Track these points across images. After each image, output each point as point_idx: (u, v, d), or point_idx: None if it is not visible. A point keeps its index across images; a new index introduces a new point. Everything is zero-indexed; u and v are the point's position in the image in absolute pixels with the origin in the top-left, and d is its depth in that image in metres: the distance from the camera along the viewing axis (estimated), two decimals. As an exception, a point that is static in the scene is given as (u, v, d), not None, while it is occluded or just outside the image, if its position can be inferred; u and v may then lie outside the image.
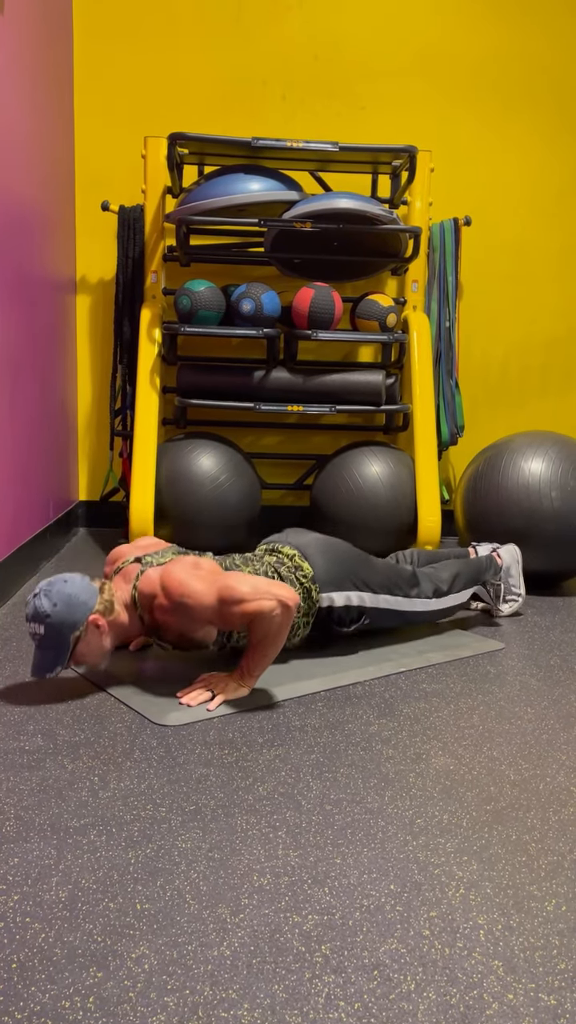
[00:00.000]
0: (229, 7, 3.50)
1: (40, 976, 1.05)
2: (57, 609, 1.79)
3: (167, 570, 1.90)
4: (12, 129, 2.60)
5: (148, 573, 1.94)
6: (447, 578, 2.37)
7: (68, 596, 1.81)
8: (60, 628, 1.80)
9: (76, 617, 1.81)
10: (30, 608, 1.81)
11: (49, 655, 1.82)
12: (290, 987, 1.05)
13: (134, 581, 1.95)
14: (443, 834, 1.40)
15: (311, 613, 2.14)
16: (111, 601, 1.89)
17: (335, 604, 2.15)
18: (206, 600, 1.84)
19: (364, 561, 2.24)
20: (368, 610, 2.21)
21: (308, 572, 2.12)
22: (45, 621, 1.79)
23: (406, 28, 3.55)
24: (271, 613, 1.82)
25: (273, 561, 2.13)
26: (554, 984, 1.07)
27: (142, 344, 3.23)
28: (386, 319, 3.25)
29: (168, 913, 1.18)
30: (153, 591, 1.90)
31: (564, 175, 3.69)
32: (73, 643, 1.83)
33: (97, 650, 1.88)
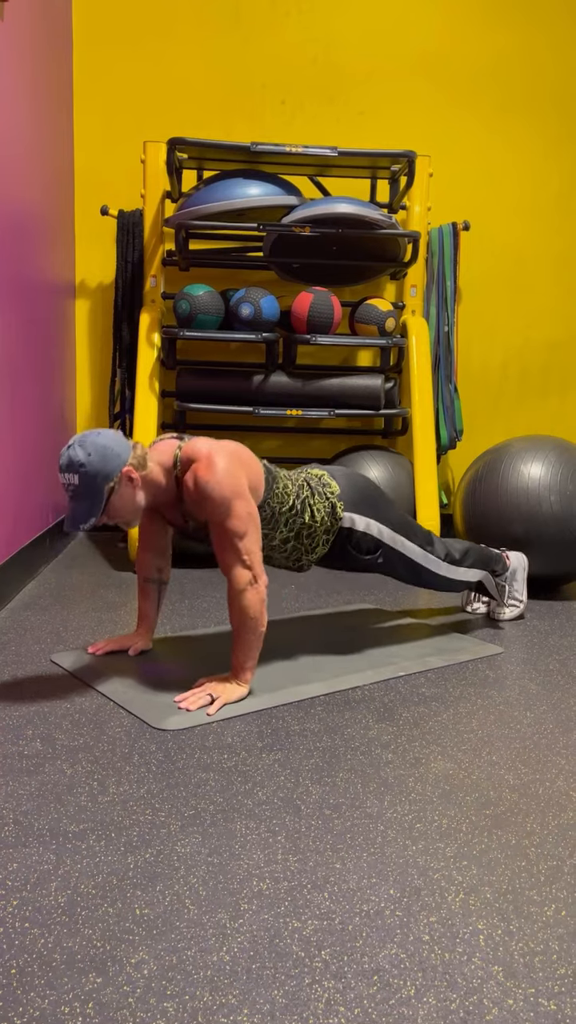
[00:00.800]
0: (228, 12, 3.51)
1: (39, 982, 1.05)
2: (92, 459, 1.78)
3: (217, 449, 1.88)
4: (12, 134, 2.60)
5: (196, 441, 1.93)
6: (460, 549, 2.40)
7: (103, 447, 1.80)
8: (95, 478, 1.79)
9: (110, 467, 1.80)
10: (64, 459, 1.80)
11: (83, 506, 1.81)
12: (290, 992, 1.05)
13: (178, 445, 1.93)
14: (442, 839, 1.40)
15: (332, 531, 2.14)
16: (144, 457, 1.88)
17: (356, 527, 2.16)
18: (221, 508, 1.84)
19: (386, 499, 2.27)
20: (384, 546, 2.22)
21: (335, 489, 2.14)
22: (79, 471, 1.78)
23: (405, 33, 3.56)
24: (240, 582, 1.85)
25: (304, 476, 2.16)
26: (554, 989, 1.07)
27: (141, 348, 3.23)
28: (385, 323, 3.25)
29: (167, 918, 1.18)
30: (197, 456, 1.88)
31: (563, 180, 3.70)
32: (107, 494, 1.82)
33: (130, 504, 1.87)
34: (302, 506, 2.07)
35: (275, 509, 2.02)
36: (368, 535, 2.19)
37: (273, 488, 2.02)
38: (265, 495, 1.99)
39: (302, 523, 2.08)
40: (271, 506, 2.01)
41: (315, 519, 2.09)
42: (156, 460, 1.92)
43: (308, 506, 2.09)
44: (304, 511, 2.08)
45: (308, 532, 2.10)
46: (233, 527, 1.85)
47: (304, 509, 2.08)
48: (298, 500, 2.07)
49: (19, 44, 2.66)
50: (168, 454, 1.94)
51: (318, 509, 2.10)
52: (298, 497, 2.07)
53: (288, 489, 2.06)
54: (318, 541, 2.14)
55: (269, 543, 2.07)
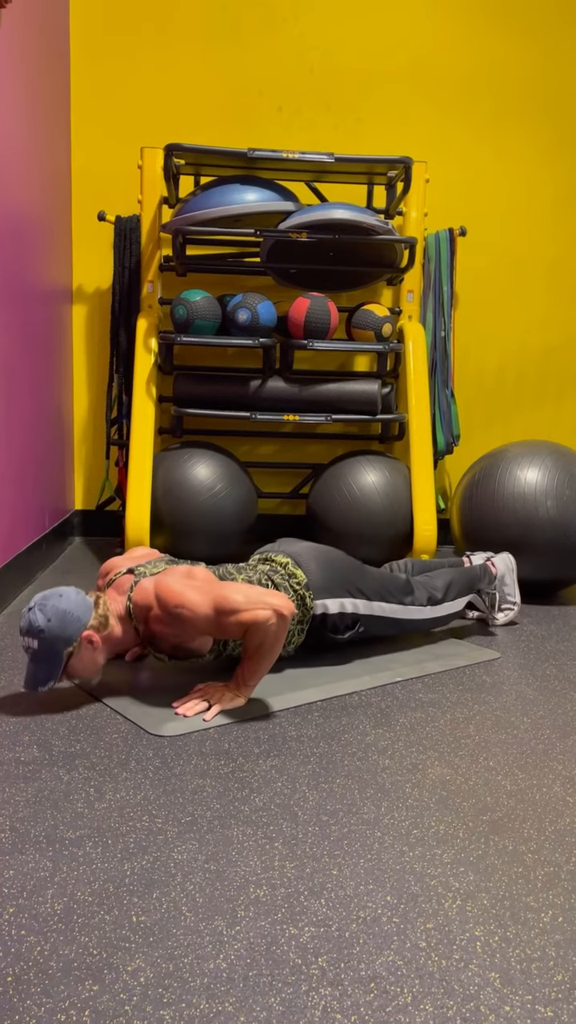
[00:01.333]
0: (225, 19, 3.52)
1: (35, 989, 1.05)
2: (51, 624, 1.79)
3: (161, 580, 1.90)
4: (9, 140, 2.61)
5: (142, 584, 1.94)
6: (441, 586, 2.37)
7: (63, 612, 1.80)
8: (54, 643, 1.80)
9: (70, 632, 1.81)
10: (24, 622, 1.81)
11: (42, 669, 1.82)
12: (287, 1000, 1.04)
13: (128, 592, 1.95)
14: (440, 845, 1.40)
15: (305, 620, 2.14)
16: (106, 616, 1.89)
17: (329, 611, 2.15)
18: (201, 610, 1.84)
19: (358, 568, 2.24)
20: (362, 617, 2.21)
21: (302, 579, 2.12)
22: (39, 636, 1.79)
23: (402, 40, 3.57)
24: (266, 623, 1.82)
25: (267, 569, 2.13)
26: (551, 996, 1.07)
27: (138, 354, 3.23)
28: (382, 329, 3.26)
29: (164, 925, 1.18)
30: (148, 602, 1.90)
31: (558, 186, 3.71)
32: (66, 658, 1.83)
33: (90, 665, 1.88)
34: None
35: None
36: (344, 614, 2.18)
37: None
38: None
39: None
40: None
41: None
42: (114, 612, 1.93)
43: None
44: None
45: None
46: (221, 616, 1.83)
47: None
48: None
49: (17, 49, 2.67)
50: (122, 601, 1.94)
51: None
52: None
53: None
54: (293, 631, 2.13)
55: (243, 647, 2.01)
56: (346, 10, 3.54)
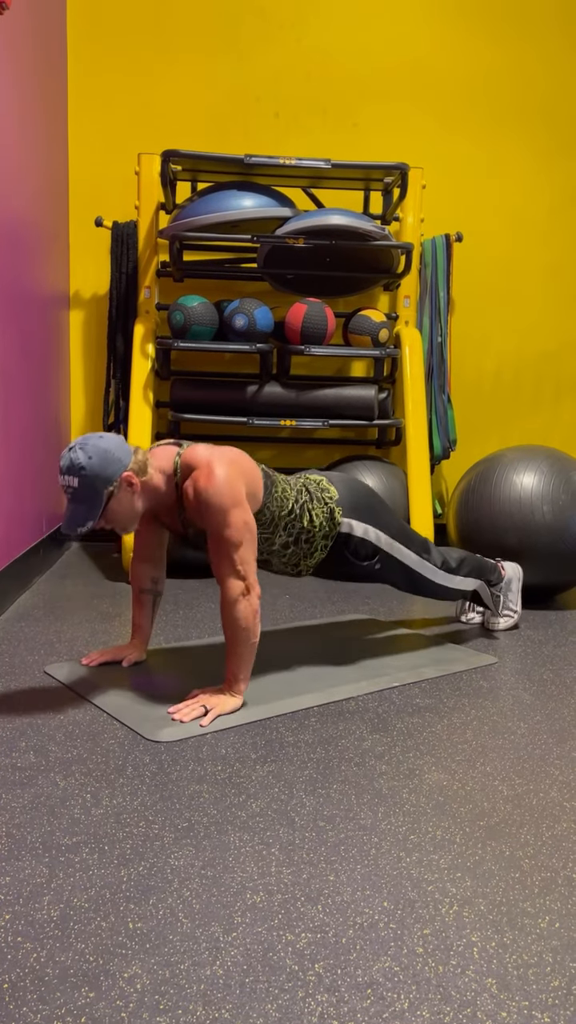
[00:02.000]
0: (223, 26, 3.53)
1: (32, 996, 1.04)
2: (92, 462, 1.79)
3: (218, 457, 1.88)
4: (7, 146, 2.61)
5: (197, 448, 1.92)
6: (456, 558, 2.41)
7: (104, 451, 1.80)
8: (94, 481, 1.79)
9: (110, 472, 1.81)
10: (65, 460, 1.81)
11: (81, 509, 1.81)
12: (283, 1006, 1.04)
13: (178, 452, 1.93)
14: (437, 850, 1.40)
15: (331, 537, 2.15)
16: (144, 462, 1.89)
17: (354, 532, 2.17)
18: (217, 517, 1.84)
19: (384, 505, 2.27)
20: (382, 552, 2.22)
21: (333, 494, 2.15)
22: (80, 474, 1.79)
23: (398, 47, 3.59)
24: (236, 592, 1.85)
25: (303, 481, 2.16)
26: (548, 1001, 1.07)
27: (135, 359, 3.24)
28: (378, 334, 3.26)
29: (161, 932, 1.17)
30: (197, 464, 1.88)
31: (554, 192, 3.73)
32: (106, 498, 1.82)
33: (128, 510, 1.88)
34: (301, 511, 2.08)
35: (274, 514, 2.03)
36: (366, 541, 2.19)
37: (272, 493, 2.02)
38: (264, 500, 2.00)
39: (301, 528, 2.09)
40: (270, 511, 2.01)
41: (314, 524, 2.10)
42: (156, 466, 1.93)
43: (307, 511, 2.09)
44: (303, 516, 2.08)
45: (307, 537, 2.11)
46: (229, 537, 1.85)
47: (303, 514, 2.08)
48: (297, 505, 2.08)
49: (14, 56, 2.67)
50: (168, 460, 1.94)
51: (317, 514, 2.10)
52: (297, 502, 2.08)
53: (287, 494, 2.06)
54: (317, 546, 2.15)
55: (268, 547, 2.08)
56: (343, 17, 3.56)
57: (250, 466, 1.98)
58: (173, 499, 1.96)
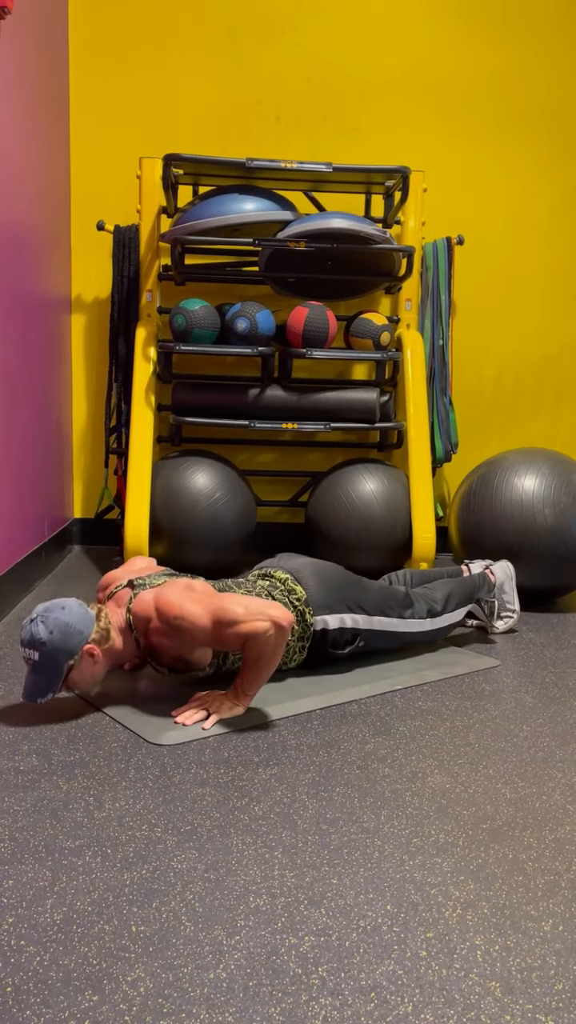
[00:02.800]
0: (223, 29, 3.54)
1: (35, 1000, 1.05)
2: (53, 637, 1.79)
3: (161, 592, 1.90)
4: (8, 150, 2.62)
5: (142, 596, 1.94)
6: (440, 598, 2.37)
7: (65, 624, 1.80)
8: (55, 656, 1.80)
9: (71, 645, 1.81)
10: (26, 633, 1.81)
11: (42, 680, 1.82)
12: (287, 1010, 1.04)
13: (127, 604, 1.95)
14: (440, 853, 1.40)
15: (306, 637, 2.14)
16: (107, 629, 1.89)
17: (329, 627, 2.15)
18: (201, 622, 1.84)
19: (357, 583, 2.24)
20: (362, 632, 2.22)
21: (301, 595, 2.13)
22: (40, 648, 1.79)
23: (399, 50, 3.59)
24: (265, 634, 1.82)
25: (266, 585, 2.14)
26: (551, 1005, 1.07)
27: (137, 362, 3.24)
28: (380, 337, 3.26)
29: (164, 935, 1.17)
30: (148, 614, 1.90)
31: (555, 195, 3.73)
32: (67, 671, 1.83)
33: (90, 677, 1.88)
34: None
35: None
36: (344, 629, 2.18)
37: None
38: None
39: None
40: None
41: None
42: (115, 625, 1.92)
43: None
44: None
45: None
46: (218, 626, 1.83)
47: None
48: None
49: (16, 60, 2.68)
50: (122, 612, 1.95)
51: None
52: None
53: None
54: (293, 650, 2.14)
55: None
56: (344, 20, 3.57)
57: (204, 588, 1.96)
58: (136, 652, 1.97)
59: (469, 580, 2.50)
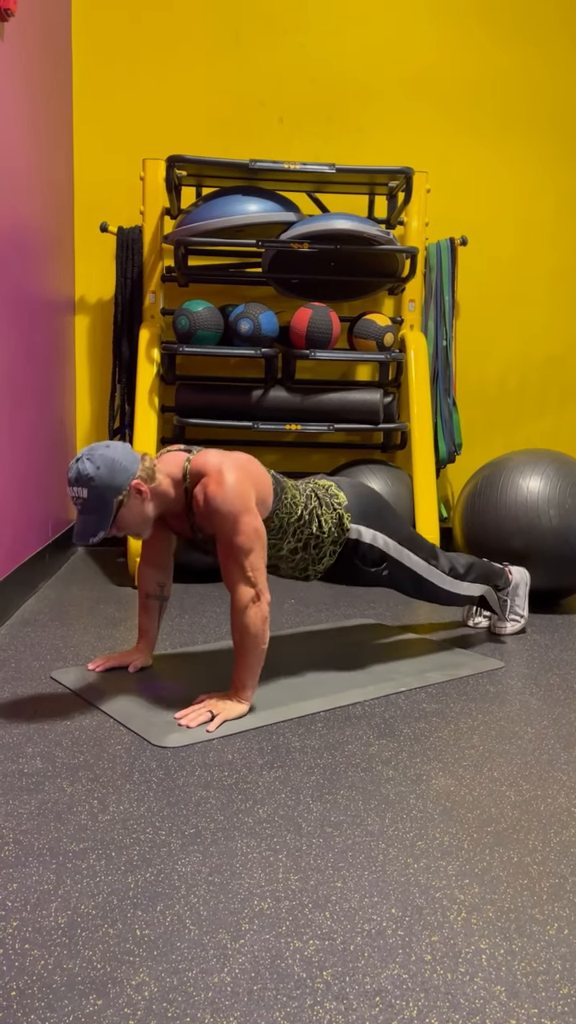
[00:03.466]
0: (227, 31, 3.54)
1: (39, 1004, 1.04)
2: (100, 472, 1.80)
3: (227, 464, 1.88)
4: (12, 152, 2.62)
5: (208, 453, 1.93)
6: (463, 564, 2.40)
7: (111, 460, 1.81)
8: (104, 491, 1.80)
9: (119, 481, 1.81)
10: (72, 472, 1.82)
11: (92, 519, 1.82)
12: (291, 1014, 1.04)
13: (188, 456, 1.94)
14: (444, 856, 1.39)
15: (340, 542, 2.15)
16: (152, 469, 1.89)
17: (363, 538, 2.17)
18: (227, 532, 1.85)
19: (392, 511, 2.27)
20: (390, 558, 2.22)
21: (343, 500, 2.16)
22: (89, 484, 1.80)
23: (403, 51, 3.59)
24: (246, 599, 1.85)
25: (312, 488, 2.17)
26: (557, 1009, 1.06)
27: (141, 364, 3.24)
28: (383, 338, 3.26)
29: (168, 939, 1.17)
30: (207, 470, 1.89)
31: (559, 195, 3.72)
32: (116, 507, 1.83)
33: (139, 516, 1.89)
34: (310, 516, 2.08)
35: (283, 520, 2.03)
36: (375, 547, 2.19)
37: (282, 499, 2.02)
38: (274, 506, 2.00)
39: (310, 533, 2.09)
40: (279, 516, 2.02)
41: (323, 530, 2.10)
42: (165, 472, 1.94)
43: (316, 517, 2.09)
44: (312, 522, 2.08)
45: (316, 543, 2.11)
46: (239, 543, 1.86)
47: (312, 520, 2.08)
48: (306, 511, 2.08)
49: (20, 63, 2.68)
50: (177, 466, 1.95)
51: (325, 520, 2.10)
52: (306, 508, 2.08)
53: (296, 499, 2.06)
54: (325, 552, 2.15)
55: (277, 553, 2.08)
56: (347, 21, 3.56)
57: (260, 472, 1.99)
58: (183, 504, 1.96)
59: (489, 564, 2.51)
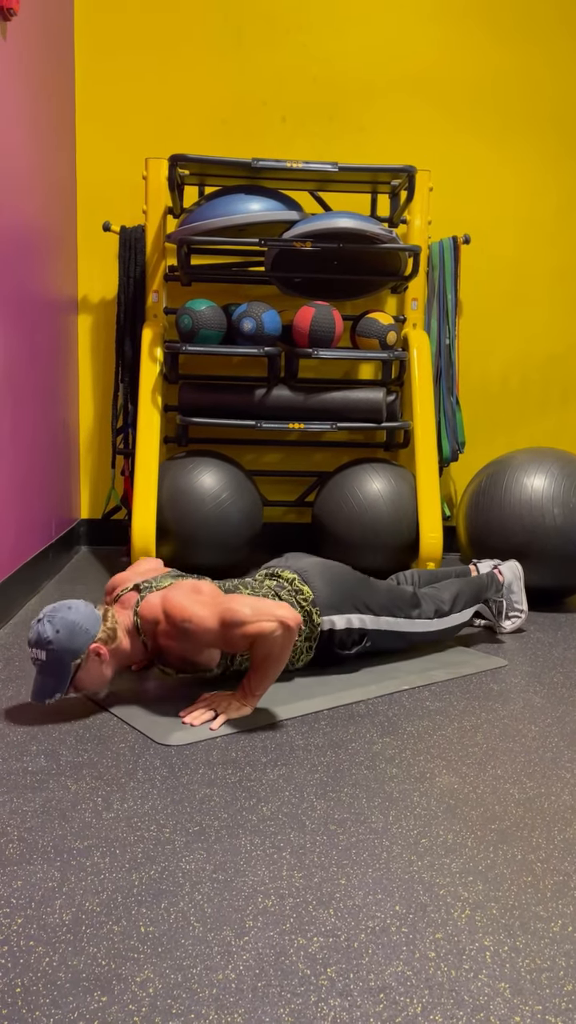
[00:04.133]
0: (229, 30, 3.54)
1: (44, 1000, 1.05)
2: (60, 636, 1.80)
3: (168, 595, 1.91)
4: (14, 151, 2.62)
5: (149, 599, 1.94)
6: (448, 598, 2.37)
7: (71, 623, 1.81)
8: (62, 655, 1.80)
9: (78, 645, 1.81)
10: (33, 633, 1.82)
11: (49, 681, 1.82)
12: (296, 1011, 1.04)
13: (135, 607, 1.95)
14: (448, 854, 1.40)
15: (313, 637, 2.14)
16: (114, 628, 1.90)
17: (336, 627, 2.15)
18: (208, 624, 1.84)
19: (364, 583, 2.24)
20: (369, 632, 2.21)
21: (308, 595, 2.13)
22: (47, 647, 1.80)
23: (405, 51, 3.59)
24: (272, 634, 1.82)
25: (273, 585, 2.14)
26: (561, 1006, 1.06)
27: (144, 363, 3.24)
28: (386, 337, 3.26)
29: (172, 936, 1.17)
30: (155, 616, 1.90)
31: (562, 193, 3.72)
32: (74, 670, 1.83)
33: (98, 678, 1.89)
34: None
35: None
36: (351, 630, 2.18)
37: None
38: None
39: None
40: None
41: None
42: (123, 626, 1.93)
43: None
44: None
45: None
46: (225, 627, 1.83)
47: None
48: None
49: (22, 62, 2.69)
50: (129, 614, 1.96)
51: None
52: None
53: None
54: (300, 649, 2.14)
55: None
56: (349, 20, 3.56)
57: (208, 588, 1.97)
58: (143, 653, 1.97)
59: (477, 580, 2.49)
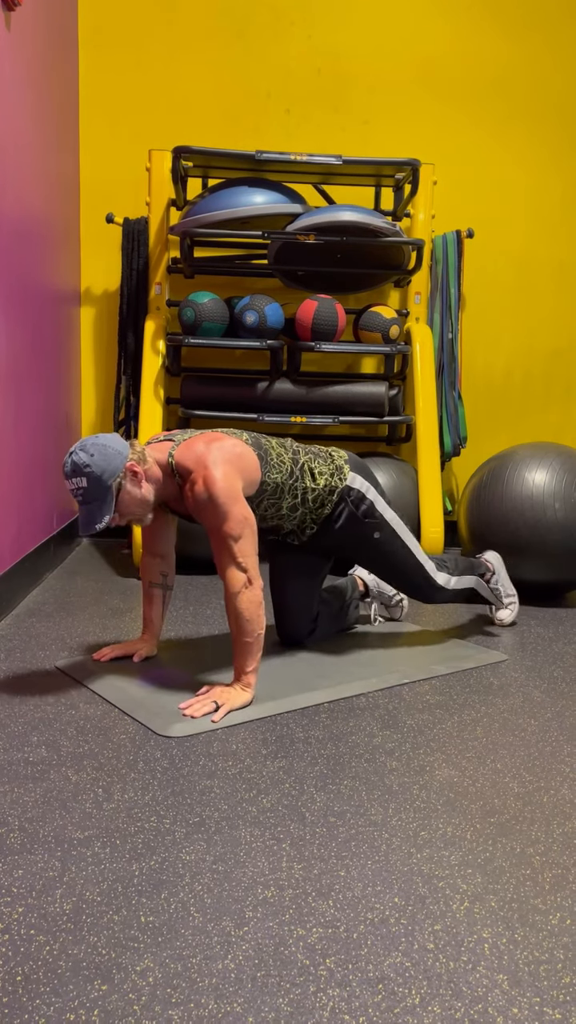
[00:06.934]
0: (233, 22, 3.53)
1: (45, 989, 1.05)
2: (95, 459, 1.86)
3: (213, 462, 1.92)
4: (19, 142, 2.62)
5: (189, 447, 1.97)
6: (450, 558, 2.45)
7: (103, 446, 1.88)
8: (101, 476, 1.86)
9: (114, 464, 1.87)
10: (68, 465, 1.87)
11: (95, 507, 1.88)
12: (295, 1001, 1.05)
13: (170, 450, 1.99)
14: (447, 847, 1.40)
15: (336, 492, 2.18)
16: (143, 453, 1.96)
17: (355, 485, 2.20)
18: (220, 514, 1.89)
19: (386, 497, 2.33)
20: (386, 521, 2.25)
21: (344, 455, 2.24)
22: (85, 472, 1.85)
23: (409, 43, 3.58)
24: (238, 582, 1.89)
25: (313, 448, 2.23)
26: (559, 998, 1.07)
27: (146, 356, 3.24)
28: (389, 331, 3.26)
29: (172, 926, 1.18)
30: (191, 466, 1.94)
31: (566, 188, 3.71)
32: (115, 491, 1.89)
33: (139, 499, 1.94)
34: (301, 472, 2.13)
35: (276, 481, 2.07)
36: (373, 504, 2.23)
37: (268, 462, 2.07)
38: (263, 473, 2.04)
39: (304, 487, 2.13)
40: (272, 478, 2.06)
41: (316, 482, 2.15)
42: (154, 458, 1.99)
43: (308, 470, 2.14)
44: (304, 476, 2.13)
45: (313, 496, 2.15)
46: (229, 531, 1.90)
47: (304, 475, 2.13)
48: (295, 466, 2.12)
49: (26, 54, 2.68)
50: (163, 455, 2.00)
51: (320, 472, 2.15)
52: (295, 463, 2.13)
53: (282, 457, 2.11)
54: (325, 501, 2.18)
55: (278, 513, 2.12)
56: (354, 13, 3.55)
57: (242, 453, 2.01)
58: (176, 491, 2.02)
59: (464, 557, 2.54)
